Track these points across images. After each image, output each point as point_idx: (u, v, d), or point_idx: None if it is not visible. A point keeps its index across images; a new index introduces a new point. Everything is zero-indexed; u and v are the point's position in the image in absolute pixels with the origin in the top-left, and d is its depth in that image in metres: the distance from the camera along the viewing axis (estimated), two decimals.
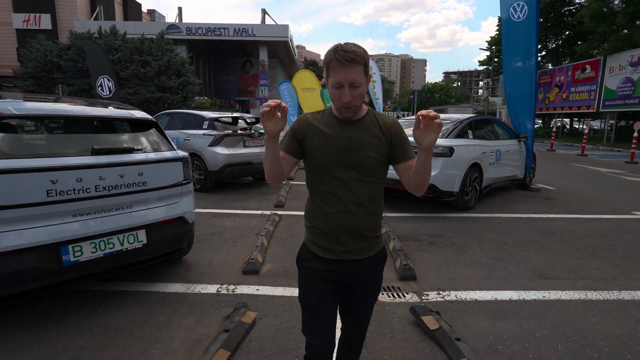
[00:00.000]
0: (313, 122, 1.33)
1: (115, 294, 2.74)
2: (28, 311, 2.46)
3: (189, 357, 2.05)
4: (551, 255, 3.77)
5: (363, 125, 1.31)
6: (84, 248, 2.23)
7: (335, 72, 1.20)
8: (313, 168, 1.34)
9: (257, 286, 2.95)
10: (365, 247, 1.35)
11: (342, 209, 1.30)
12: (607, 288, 3.04)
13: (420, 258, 3.63)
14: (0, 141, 2.08)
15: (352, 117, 1.30)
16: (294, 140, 1.33)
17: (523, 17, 6.57)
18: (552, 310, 2.68)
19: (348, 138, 1.28)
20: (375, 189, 1.33)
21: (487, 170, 5.83)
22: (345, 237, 1.32)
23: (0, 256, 1.96)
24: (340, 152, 1.28)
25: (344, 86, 1.20)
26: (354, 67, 1.18)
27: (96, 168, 2.26)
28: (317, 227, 1.35)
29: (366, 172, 1.29)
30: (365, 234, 1.34)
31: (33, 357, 2.01)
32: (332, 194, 1.31)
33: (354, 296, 1.41)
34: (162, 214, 2.66)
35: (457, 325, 2.44)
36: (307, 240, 1.42)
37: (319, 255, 1.36)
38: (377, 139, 1.31)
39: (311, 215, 1.38)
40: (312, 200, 1.38)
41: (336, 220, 1.30)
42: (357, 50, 1.19)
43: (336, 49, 1.19)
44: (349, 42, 1.23)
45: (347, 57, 1.17)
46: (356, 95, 1.22)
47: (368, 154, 1.28)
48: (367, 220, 1.33)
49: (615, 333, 2.39)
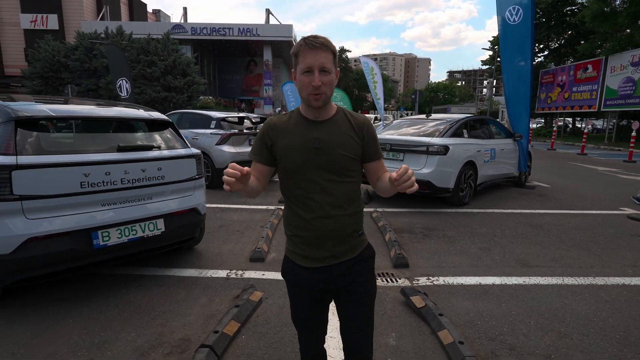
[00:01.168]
0: (280, 125, 1.29)
1: (136, 277, 3.05)
2: (60, 291, 2.78)
3: (205, 328, 2.35)
4: (536, 246, 4.04)
5: (334, 125, 1.27)
6: (111, 234, 2.54)
7: (305, 57, 1.17)
8: (286, 173, 1.28)
9: (263, 272, 3.25)
10: (348, 248, 1.31)
11: (321, 214, 1.25)
12: (583, 275, 3.30)
13: (413, 248, 3.91)
14: (40, 139, 2.39)
15: (321, 113, 1.26)
16: (263, 148, 1.29)
17: (519, 20, 6.82)
18: (529, 293, 2.95)
19: (319, 139, 1.23)
20: (352, 189, 1.30)
21: (481, 167, 6.08)
22: (328, 242, 1.27)
23: (42, 239, 2.27)
24: (313, 154, 1.23)
25: (313, 70, 1.17)
26: (323, 51, 1.17)
27: (122, 163, 2.57)
28: (297, 235, 1.31)
29: (341, 173, 1.26)
30: (347, 236, 1.30)
31: (70, 327, 2.32)
32: (308, 198, 1.25)
33: (349, 304, 1.34)
34: (178, 205, 2.96)
35: (442, 304, 2.72)
36: (288, 251, 1.37)
37: (303, 266, 1.31)
38: (350, 137, 1.27)
39: (290, 223, 1.33)
40: (289, 207, 1.32)
41: (316, 226, 1.25)
42: (326, 39, 1.19)
43: (305, 37, 1.20)
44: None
45: (316, 42, 1.16)
46: (326, 81, 1.18)
47: (341, 153, 1.24)
48: (347, 222, 1.29)
49: (584, 312, 2.66)
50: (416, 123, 6.60)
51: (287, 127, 1.28)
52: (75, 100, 3.25)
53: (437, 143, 5.40)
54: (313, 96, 1.20)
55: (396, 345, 2.24)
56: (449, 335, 2.21)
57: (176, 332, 2.31)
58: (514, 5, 6.86)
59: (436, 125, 6.14)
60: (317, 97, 1.20)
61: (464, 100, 65.47)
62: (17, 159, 2.20)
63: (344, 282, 1.32)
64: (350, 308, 1.34)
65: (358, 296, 1.33)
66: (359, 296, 1.33)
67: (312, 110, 1.25)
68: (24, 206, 2.22)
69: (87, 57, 22.71)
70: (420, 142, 5.53)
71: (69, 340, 2.19)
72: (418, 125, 6.44)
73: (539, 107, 26.35)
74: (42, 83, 23.62)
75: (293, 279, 1.36)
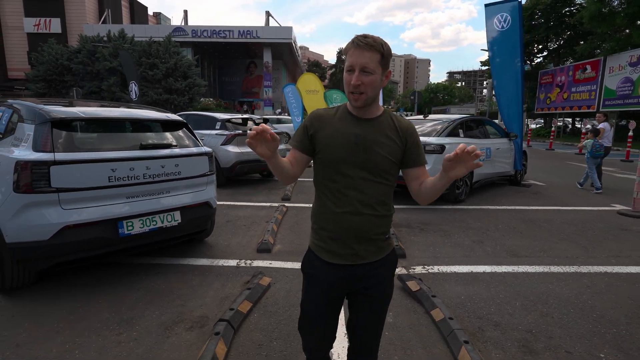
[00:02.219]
0: (325, 116, 1.31)
1: (155, 266, 3.31)
2: (88, 277, 3.03)
3: (220, 308, 2.60)
4: (527, 239, 4.28)
5: (378, 124, 1.27)
6: (134, 224, 2.79)
7: (350, 55, 1.19)
8: (323, 164, 1.29)
9: (270, 261, 3.50)
10: (374, 250, 1.30)
11: (350, 210, 1.25)
12: (569, 264, 3.55)
13: (410, 241, 4.16)
14: (72, 138, 2.65)
15: (365, 111, 1.27)
16: (305, 136, 1.30)
17: (507, 27, 7.09)
18: (517, 279, 3.20)
19: (360, 135, 1.24)
20: (385, 191, 1.29)
21: None
22: (353, 240, 1.27)
23: (76, 227, 2.53)
24: (352, 149, 1.24)
25: (354, 69, 1.18)
26: (368, 51, 1.16)
27: (144, 160, 2.82)
28: (323, 228, 1.31)
29: (377, 172, 1.25)
30: (372, 237, 1.28)
31: (100, 306, 2.57)
32: (341, 193, 1.26)
33: (364, 305, 1.34)
34: (192, 199, 3.22)
35: (435, 289, 2.97)
36: (313, 245, 1.36)
37: (327, 261, 1.30)
38: (391, 139, 1.27)
39: (318, 215, 1.33)
40: (319, 199, 1.32)
41: (344, 220, 1.25)
42: (376, 38, 1.18)
43: (356, 35, 1.20)
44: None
45: (363, 41, 1.17)
46: (367, 81, 1.18)
47: (380, 153, 1.24)
48: (375, 223, 1.28)
49: (566, 295, 2.91)
50: (416, 123, 6.85)
51: (332, 120, 1.29)
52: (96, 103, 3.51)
53: (434, 142, 5.66)
54: (353, 95, 1.21)
55: (393, 322, 2.49)
56: (440, 313, 2.46)
57: (195, 311, 2.57)
58: (502, 13, 7.15)
59: (433, 125, 6.40)
60: (356, 97, 1.20)
61: (463, 101, 65.72)
62: (55, 155, 2.46)
63: (365, 284, 1.31)
64: (365, 310, 1.34)
65: (375, 300, 1.33)
66: (376, 300, 1.34)
67: (357, 108, 1.26)
68: (60, 198, 2.48)
69: (89, 60, 23.02)
70: None
71: (101, 317, 2.44)
72: (417, 125, 6.70)
73: (538, 107, 26.58)
74: (46, 86, 23.95)
75: (313, 272, 1.33)
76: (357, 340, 1.39)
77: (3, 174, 2.49)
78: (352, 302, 1.36)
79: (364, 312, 1.34)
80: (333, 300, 1.33)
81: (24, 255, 2.51)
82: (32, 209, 2.44)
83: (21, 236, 2.45)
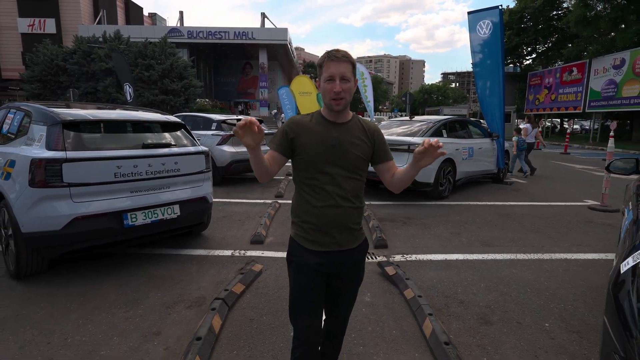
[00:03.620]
0: (303, 122, 1.46)
1: (155, 256, 3.59)
2: (95, 265, 3.31)
3: (216, 290, 2.90)
4: (500, 231, 4.63)
5: (350, 128, 1.46)
6: (138, 216, 3.08)
7: (328, 67, 1.37)
8: (303, 164, 1.44)
9: (262, 251, 3.81)
10: (351, 238, 1.48)
11: (331, 203, 1.41)
12: (534, 252, 3.90)
13: (393, 233, 4.49)
14: (81, 138, 2.93)
15: (339, 116, 1.45)
16: (285, 139, 1.44)
17: (489, 33, 7.47)
18: (485, 265, 3.54)
19: (337, 138, 1.42)
20: (358, 185, 1.48)
21: (460, 164, 6.68)
22: (334, 230, 1.44)
23: (85, 218, 2.81)
24: (330, 150, 1.41)
25: (335, 78, 1.36)
26: (343, 62, 1.36)
27: (146, 158, 3.11)
28: (306, 222, 1.46)
29: (351, 169, 1.44)
30: (350, 226, 1.46)
31: (107, 289, 2.86)
32: (321, 188, 1.42)
33: (341, 285, 1.54)
34: (190, 194, 3.51)
35: (411, 274, 3.29)
36: (296, 235, 1.51)
37: (309, 249, 1.45)
38: (362, 140, 1.46)
39: (300, 210, 1.48)
40: (300, 195, 1.48)
41: (326, 213, 1.42)
42: (346, 52, 1.39)
43: (329, 51, 1.41)
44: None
45: (338, 54, 1.37)
46: (346, 88, 1.37)
47: (354, 153, 1.43)
48: (352, 214, 1.46)
49: (526, 278, 3.25)
50: (403, 124, 7.19)
51: (310, 125, 1.45)
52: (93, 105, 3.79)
53: (418, 142, 5.99)
54: (334, 101, 1.39)
55: (370, 301, 2.81)
56: (411, 292, 2.78)
57: (193, 293, 2.86)
58: (484, 20, 7.53)
59: (420, 125, 6.75)
60: (337, 102, 1.39)
61: (457, 101, 66.43)
62: (66, 154, 2.74)
63: (341, 268, 1.49)
64: (342, 290, 1.55)
65: (348, 281, 1.55)
66: (349, 281, 1.55)
67: (333, 113, 1.44)
68: (71, 192, 2.76)
69: (85, 60, 23.10)
70: (403, 141, 6.12)
71: (109, 298, 2.73)
72: (405, 126, 7.04)
73: (527, 108, 27.13)
74: (41, 87, 23.94)
75: (299, 260, 1.48)
76: (333, 315, 1.61)
77: (19, 170, 2.77)
78: (331, 284, 1.53)
79: (341, 291, 1.56)
80: (318, 285, 1.47)
81: (38, 244, 2.79)
82: (46, 202, 2.72)
83: (35, 226, 2.73)
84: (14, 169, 2.82)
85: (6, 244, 3.03)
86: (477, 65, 8.08)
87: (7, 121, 3.46)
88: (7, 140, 3.30)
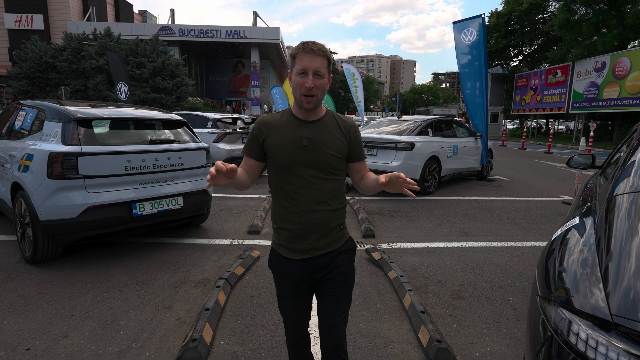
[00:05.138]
0: (272, 122, 1.36)
1: (160, 244, 3.86)
2: (106, 252, 3.57)
3: (218, 273, 3.19)
4: (479, 222, 5.01)
5: (323, 125, 1.35)
6: (145, 206, 3.35)
7: (301, 59, 1.25)
8: (275, 168, 1.35)
9: (259, 240, 4.10)
10: (331, 241, 1.39)
11: (307, 208, 1.32)
12: (508, 240, 4.28)
13: (380, 225, 4.83)
14: (94, 134, 3.19)
15: (311, 114, 1.34)
16: (255, 144, 1.37)
17: (473, 40, 7.91)
18: (463, 252, 3.90)
19: (308, 137, 1.31)
20: (337, 186, 1.37)
21: (445, 162, 7.07)
22: (312, 235, 1.35)
23: (98, 207, 3.07)
24: (301, 151, 1.31)
25: (307, 72, 1.24)
26: (319, 56, 1.25)
27: (153, 153, 3.38)
28: (283, 228, 1.38)
29: (327, 170, 1.33)
30: (329, 230, 1.38)
31: (119, 272, 3.13)
32: (296, 193, 1.32)
33: (328, 289, 1.40)
34: (192, 187, 3.79)
35: (395, 259, 3.63)
36: (275, 244, 1.45)
37: (288, 257, 1.39)
38: (337, 138, 1.35)
39: (277, 216, 1.40)
40: (276, 201, 1.39)
41: (302, 219, 1.33)
42: (323, 46, 1.27)
43: (304, 42, 1.28)
44: None
45: (313, 47, 1.25)
46: (318, 84, 1.26)
47: (328, 152, 1.32)
48: (331, 217, 1.37)
49: (498, 262, 3.62)
50: (392, 123, 7.55)
51: (279, 125, 1.35)
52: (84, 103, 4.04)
53: (404, 140, 6.36)
54: (305, 98, 1.27)
55: (358, 281, 3.13)
56: (394, 273, 3.11)
57: (198, 275, 3.15)
58: (469, 28, 7.98)
59: (407, 125, 7.11)
60: (308, 99, 1.28)
61: (447, 101, 67.39)
62: (82, 148, 3.00)
63: (325, 272, 1.39)
64: (329, 295, 1.40)
65: (338, 284, 1.40)
66: (339, 284, 1.40)
67: (303, 110, 1.33)
68: (86, 183, 3.02)
69: (75, 58, 22.96)
70: (390, 139, 6.48)
71: (121, 280, 3.00)
72: (393, 125, 7.40)
73: (514, 109, 27.87)
74: (29, 83, 23.69)
75: (279, 270, 1.43)
76: (326, 324, 1.41)
77: (37, 163, 3.02)
78: (319, 290, 1.43)
79: (330, 297, 1.40)
80: (301, 291, 1.44)
81: (54, 231, 3.04)
82: (62, 192, 2.98)
83: (53, 214, 2.99)
84: (32, 162, 3.06)
85: (22, 231, 3.27)
86: (461, 70, 8.51)
87: (20, 118, 3.69)
88: (21, 136, 3.53)
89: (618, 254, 1.16)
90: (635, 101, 17.80)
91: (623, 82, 18.32)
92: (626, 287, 1.02)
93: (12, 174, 3.26)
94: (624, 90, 18.32)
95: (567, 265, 1.31)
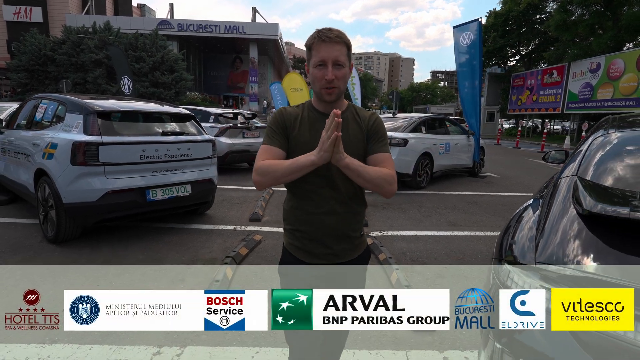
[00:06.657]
0: (294, 114, 1.28)
1: (168, 229, 4.18)
2: (120, 235, 3.88)
3: (224, 253, 3.50)
4: (466, 214, 5.36)
5: (345, 121, 1.24)
6: (157, 192, 3.66)
7: (319, 51, 1.17)
8: None
9: (260, 227, 4.42)
10: (350, 248, 1.31)
11: (327, 209, 1.25)
12: (491, 230, 4.62)
13: (373, 215, 5.16)
14: (112, 125, 3.49)
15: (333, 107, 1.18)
16: (282, 135, 1.27)
17: (470, 42, 8.25)
18: (448, 239, 4.24)
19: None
20: (359, 186, 1.27)
21: (437, 158, 7.40)
22: (330, 239, 1.27)
23: (115, 192, 3.38)
24: None
25: (326, 64, 1.17)
26: (337, 44, 1.17)
27: (165, 144, 3.69)
28: (299, 230, 1.30)
29: None
30: (349, 234, 1.29)
31: (134, 251, 3.44)
32: (315, 193, 1.25)
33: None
34: (199, 176, 4.10)
35: (386, 245, 3.95)
36: (288, 244, 1.35)
37: (303, 260, 1.30)
38: (357, 135, 1.28)
39: (292, 216, 1.32)
40: (293, 200, 1.31)
41: (320, 221, 1.25)
42: (341, 31, 1.19)
43: (319, 30, 1.19)
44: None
45: (330, 35, 1.17)
46: (339, 75, 1.18)
47: (352, 150, 1.21)
48: (351, 220, 1.29)
49: (479, 248, 3.96)
50: (387, 120, 7.87)
51: (302, 120, 1.27)
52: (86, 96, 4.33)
53: (398, 137, 6.68)
54: (325, 90, 1.20)
55: None
56: (384, 255, 3.45)
57: (206, 255, 3.47)
58: (467, 32, 8.34)
59: (402, 122, 7.43)
60: (329, 91, 1.20)
61: (445, 100, 67.79)
62: (102, 138, 3.30)
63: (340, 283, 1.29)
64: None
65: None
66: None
67: (324, 104, 1.25)
68: (105, 170, 3.32)
69: (74, 51, 23.04)
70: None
71: (137, 258, 3.32)
72: (388, 122, 7.71)
73: (511, 108, 28.26)
74: (28, 76, 23.72)
75: (291, 275, 1.33)
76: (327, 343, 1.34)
77: (61, 151, 3.31)
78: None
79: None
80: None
81: (76, 212, 3.35)
82: (84, 177, 3.28)
83: (75, 198, 3.29)
84: (56, 150, 3.36)
85: (45, 214, 3.57)
86: (459, 70, 8.90)
87: (40, 110, 3.97)
88: (42, 127, 3.82)
89: (549, 229, 1.49)
90: (628, 102, 18.22)
91: (617, 83, 18.72)
92: (550, 254, 1.35)
93: (37, 161, 3.55)
94: (617, 92, 18.72)
95: (517, 239, 1.65)
